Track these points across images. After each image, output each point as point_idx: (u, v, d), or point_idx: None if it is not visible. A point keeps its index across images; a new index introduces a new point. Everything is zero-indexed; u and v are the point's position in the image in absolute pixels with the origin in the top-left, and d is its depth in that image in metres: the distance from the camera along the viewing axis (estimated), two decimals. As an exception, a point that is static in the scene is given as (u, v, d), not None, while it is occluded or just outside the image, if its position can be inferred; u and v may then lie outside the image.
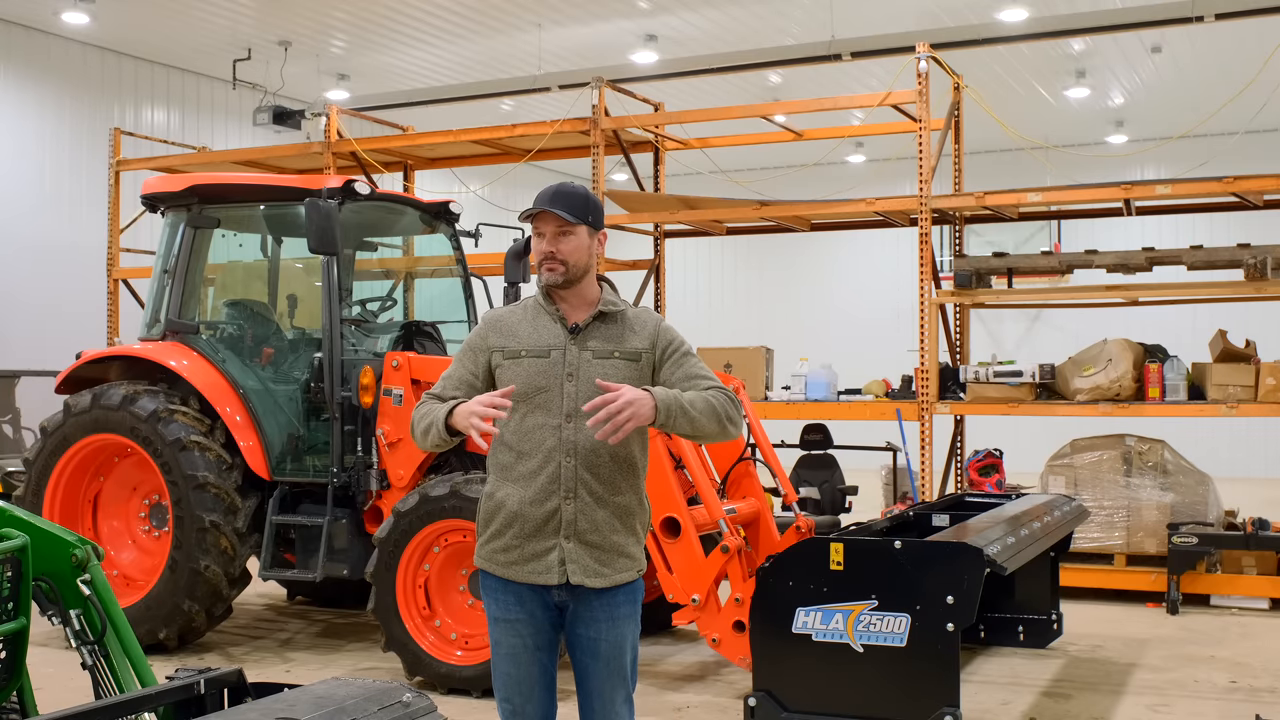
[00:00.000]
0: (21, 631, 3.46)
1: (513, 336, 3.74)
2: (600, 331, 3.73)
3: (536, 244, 3.75)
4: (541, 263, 3.73)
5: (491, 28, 15.01)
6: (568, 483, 3.61)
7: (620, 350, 3.71)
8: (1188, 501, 9.48)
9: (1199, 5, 12.65)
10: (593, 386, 3.59)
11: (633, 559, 3.73)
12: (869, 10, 14.16)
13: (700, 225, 11.87)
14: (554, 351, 3.68)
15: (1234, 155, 16.71)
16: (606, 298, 3.81)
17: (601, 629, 3.67)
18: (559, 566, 3.61)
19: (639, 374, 3.72)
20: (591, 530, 3.63)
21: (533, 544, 3.64)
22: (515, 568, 3.66)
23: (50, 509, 7.76)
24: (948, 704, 5.13)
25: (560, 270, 3.71)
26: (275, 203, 8.00)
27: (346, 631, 8.44)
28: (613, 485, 3.67)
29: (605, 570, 3.65)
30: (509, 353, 3.72)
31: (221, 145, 16.59)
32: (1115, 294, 10.35)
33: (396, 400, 7.38)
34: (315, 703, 2.76)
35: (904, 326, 15.28)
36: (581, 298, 3.77)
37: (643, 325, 3.79)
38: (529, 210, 3.73)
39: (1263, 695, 6.70)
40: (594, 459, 3.63)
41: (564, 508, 3.61)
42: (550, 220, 3.72)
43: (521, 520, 3.64)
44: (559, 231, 3.71)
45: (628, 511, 3.71)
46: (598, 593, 3.65)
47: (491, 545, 3.72)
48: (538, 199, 3.75)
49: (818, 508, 9.68)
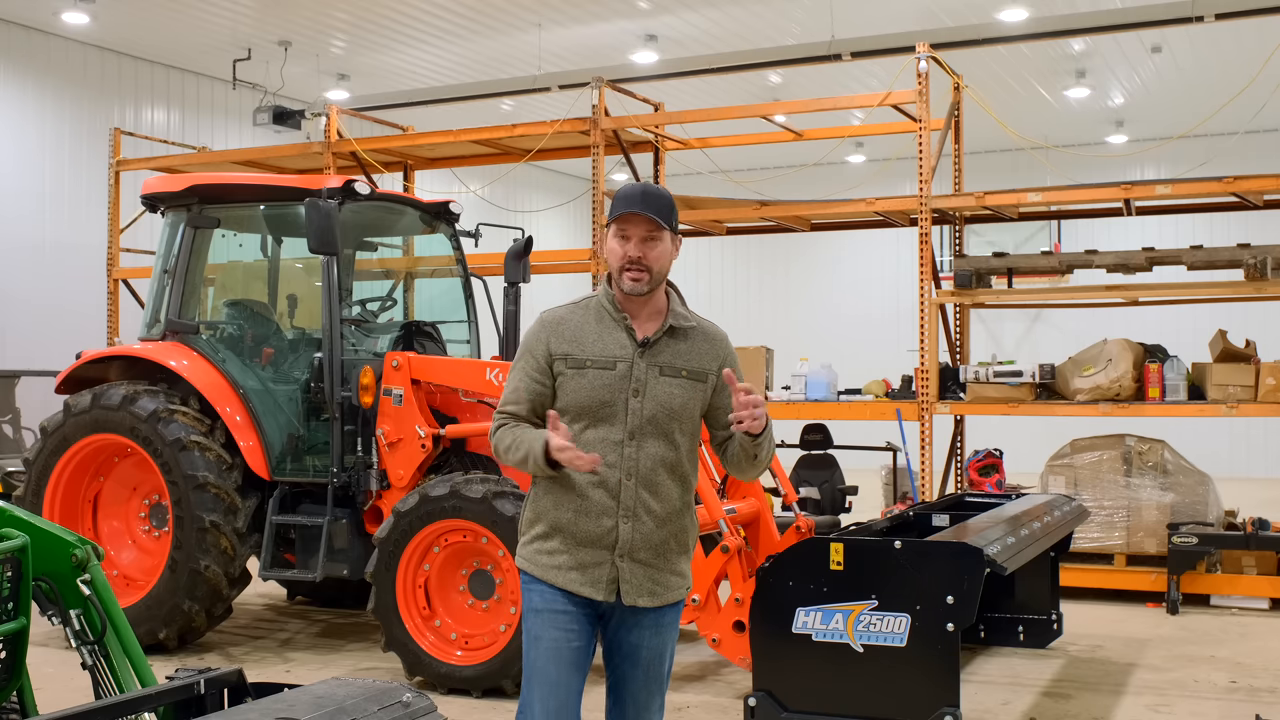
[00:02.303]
0: (21, 631, 3.46)
1: (577, 344, 3.53)
2: (670, 348, 3.55)
3: (619, 247, 3.51)
4: (624, 269, 3.49)
5: (491, 28, 15.01)
6: (628, 503, 3.47)
7: (690, 370, 3.55)
8: (1188, 501, 9.47)
9: (1199, 5, 12.65)
10: (658, 406, 3.48)
11: (685, 577, 3.63)
12: (869, 10, 14.16)
13: (700, 225, 11.87)
14: (620, 364, 3.50)
15: (1234, 155, 16.73)
16: (676, 309, 3.62)
17: (645, 636, 3.57)
18: (609, 584, 3.48)
19: (702, 396, 3.58)
20: (648, 551, 3.51)
21: (582, 554, 3.50)
22: (559, 573, 3.51)
23: (50, 509, 7.76)
24: (948, 704, 5.13)
25: (645, 279, 3.49)
26: (275, 203, 8.00)
27: (346, 631, 8.44)
28: (670, 506, 3.55)
29: (659, 590, 3.54)
30: (574, 361, 3.52)
31: (221, 145, 16.58)
32: (1115, 294, 10.35)
33: (396, 400, 7.37)
34: (315, 703, 2.76)
35: (904, 326, 15.30)
36: (652, 307, 3.58)
37: (712, 345, 3.62)
38: (617, 211, 3.51)
39: (1263, 695, 6.70)
40: (654, 479, 3.50)
41: (622, 528, 3.47)
42: (640, 224, 3.49)
43: (573, 531, 3.50)
44: (647, 236, 3.49)
45: (684, 531, 3.61)
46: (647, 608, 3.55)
47: (535, 547, 3.56)
48: (625, 199, 3.52)
49: (818, 508, 9.68)
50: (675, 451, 3.54)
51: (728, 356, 3.64)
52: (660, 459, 3.50)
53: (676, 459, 3.55)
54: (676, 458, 3.54)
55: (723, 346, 3.64)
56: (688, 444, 3.58)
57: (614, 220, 3.51)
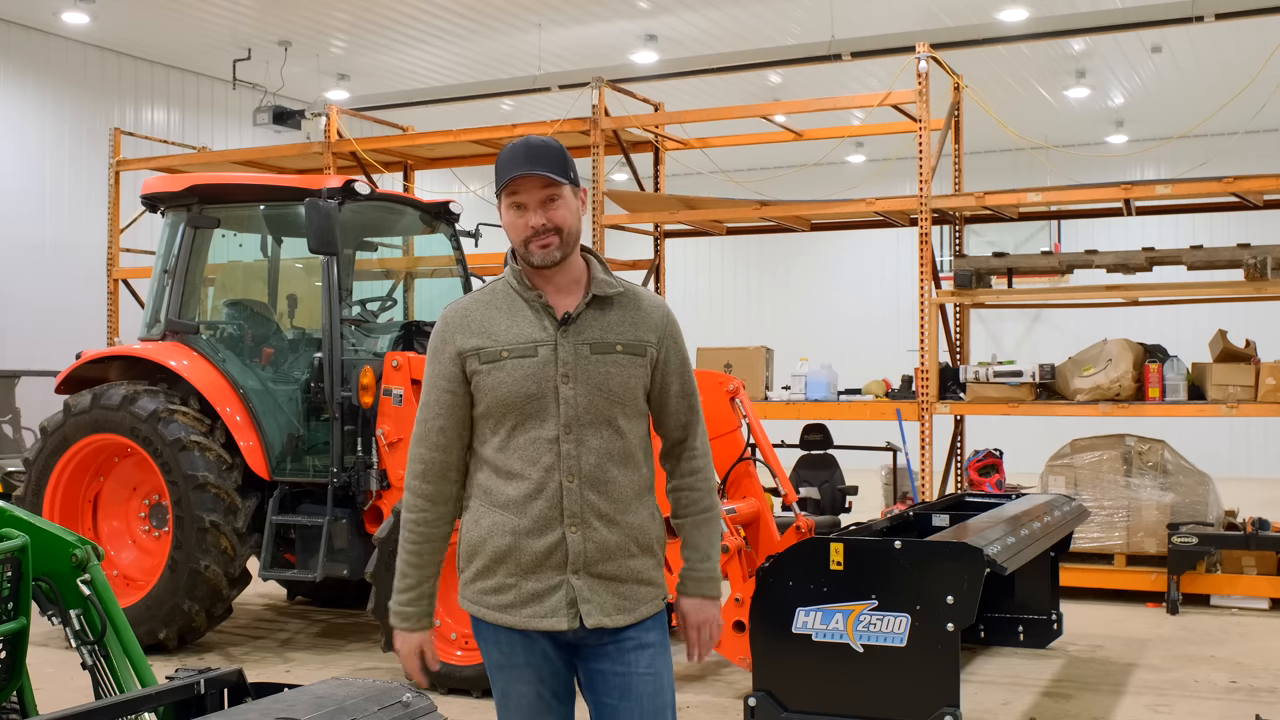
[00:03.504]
0: (21, 631, 3.46)
1: (486, 334, 3.04)
2: (597, 320, 3.03)
3: (516, 218, 3.02)
4: (529, 240, 3.01)
5: (491, 28, 15.01)
6: (572, 508, 2.97)
7: (625, 343, 3.03)
8: (1188, 501, 9.47)
9: (1199, 5, 12.66)
10: (594, 390, 2.98)
11: (656, 585, 3.10)
12: (869, 10, 14.16)
13: (700, 225, 11.87)
14: (542, 349, 2.99)
15: (1234, 155, 16.73)
16: (598, 275, 3.08)
17: (630, 662, 3.03)
18: (568, 609, 2.97)
19: (643, 373, 3.07)
20: (605, 560, 2.99)
21: (532, 582, 2.99)
22: (511, 611, 3.01)
23: (50, 509, 7.76)
24: (948, 704, 5.13)
25: (555, 243, 3.00)
26: (275, 203, 8.00)
27: (346, 631, 8.44)
28: (623, 503, 3.03)
29: (627, 604, 3.02)
30: (486, 355, 3.01)
31: (221, 145, 16.59)
32: (1115, 294, 10.35)
33: (396, 400, 7.37)
34: (315, 703, 2.76)
35: (904, 326, 15.30)
36: (568, 276, 3.07)
37: (648, 311, 3.11)
38: (502, 178, 3.01)
39: (1263, 695, 6.70)
40: (600, 475, 2.99)
41: (570, 538, 2.97)
42: (534, 185, 3.00)
43: (516, 555, 2.99)
44: (546, 198, 3.01)
45: (643, 530, 3.07)
46: (622, 628, 3.03)
47: (478, 585, 3.07)
48: (509, 162, 3.01)
49: (818, 508, 9.67)
50: (622, 439, 3.03)
51: (667, 327, 3.12)
52: (606, 452, 3.00)
53: (625, 448, 3.04)
54: (625, 447, 3.04)
55: (659, 313, 3.12)
56: (636, 429, 3.08)
57: (502, 190, 3.02)
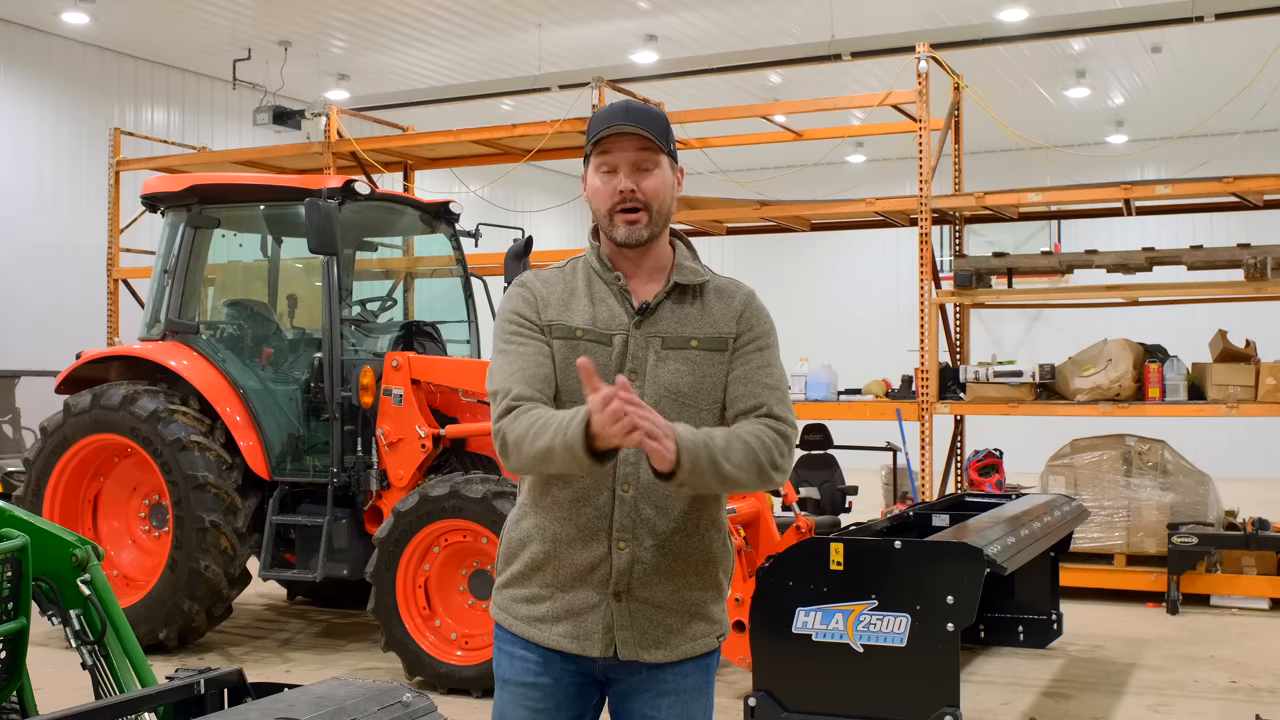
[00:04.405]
0: (21, 631, 3.45)
1: (566, 310, 2.66)
2: (675, 313, 2.65)
3: (604, 182, 2.63)
4: (614, 209, 2.61)
5: (491, 28, 15.01)
6: (623, 521, 2.58)
7: (701, 339, 2.64)
8: (1188, 501, 9.47)
9: (1199, 5, 12.66)
10: (661, 390, 2.59)
11: (712, 622, 2.69)
12: (869, 10, 14.16)
13: (700, 225, 11.87)
14: (616, 338, 2.62)
15: (1234, 155, 16.72)
16: (684, 264, 2.70)
17: (663, 707, 2.66)
18: (603, 634, 2.60)
19: (722, 371, 2.66)
20: (653, 584, 2.61)
21: (568, 597, 2.63)
22: (540, 627, 2.65)
23: (50, 509, 7.76)
24: (948, 704, 5.13)
25: (643, 220, 2.60)
26: (275, 203, 8.00)
27: (346, 631, 8.44)
28: (686, 524, 2.63)
29: (671, 639, 2.63)
30: (562, 330, 2.63)
31: (221, 145, 16.58)
32: (1115, 294, 10.35)
33: (396, 400, 7.38)
34: (315, 703, 2.76)
35: (904, 326, 15.27)
36: (653, 261, 2.68)
37: (729, 300, 2.70)
38: (596, 131, 2.61)
39: (1263, 695, 6.70)
40: (660, 488, 2.55)
41: (615, 555, 2.58)
42: (628, 145, 2.59)
43: (554, 566, 2.63)
44: (640, 163, 2.60)
45: (708, 558, 2.67)
46: (659, 665, 2.64)
47: (511, 592, 2.71)
48: (604, 118, 2.61)
49: (818, 508, 9.67)
50: None
51: (746, 310, 2.70)
52: None
53: None
54: None
55: (741, 298, 2.72)
56: None
57: (593, 148, 2.63)
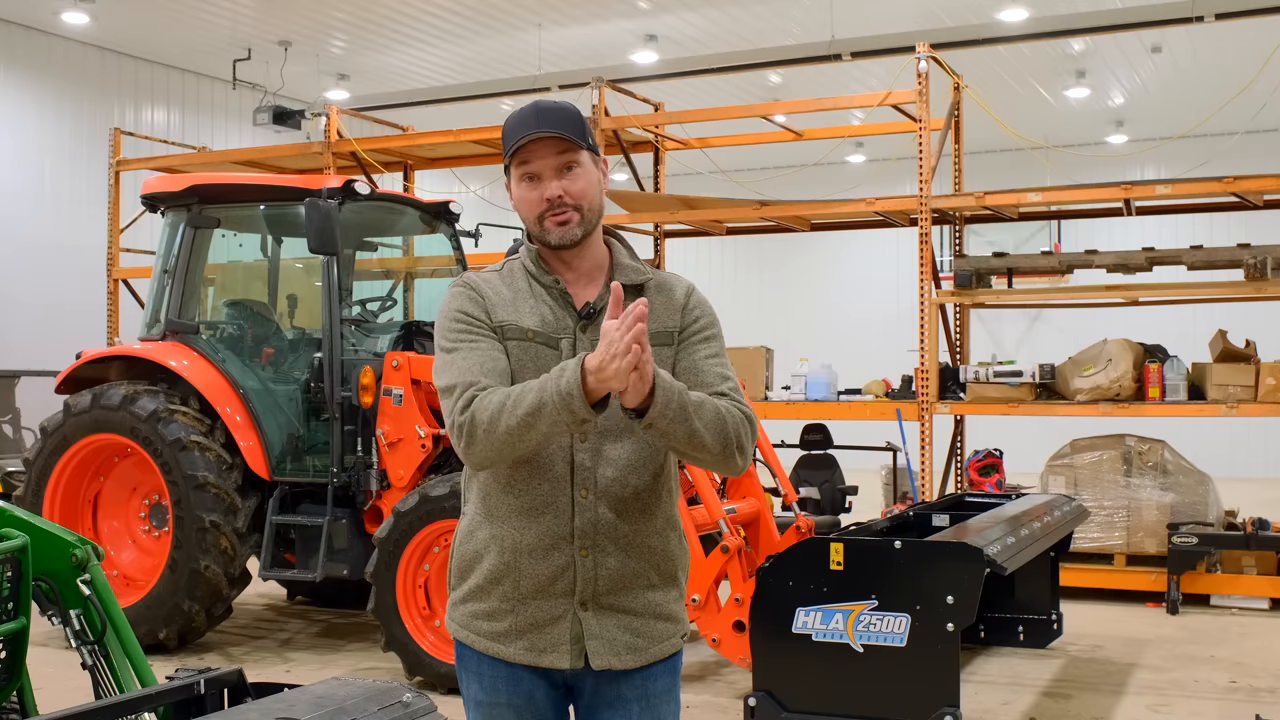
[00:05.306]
0: (21, 631, 3.45)
1: (516, 311, 2.61)
2: None
3: (529, 190, 2.58)
4: (544, 215, 2.57)
5: (491, 28, 15.02)
6: (584, 527, 2.55)
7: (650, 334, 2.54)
8: (1188, 501, 9.48)
9: (1199, 5, 12.66)
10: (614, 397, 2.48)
11: (675, 621, 2.68)
12: (869, 10, 14.16)
13: (700, 225, 11.87)
14: (563, 341, 2.59)
15: (1234, 155, 16.73)
16: (621, 260, 2.69)
17: (635, 713, 2.64)
18: (571, 645, 2.56)
19: (670, 367, 2.65)
20: (618, 590, 2.58)
21: (531, 609, 2.57)
22: (505, 641, 2.59)
23: (50, 509, 7.77)
24: (948, 704, 5.13)
25: (576, 220, 2.57)
26: (275, 203, 8.00)
27: (346, 631, 8.44)
28: (645, 524, 2.61)
29: (640, 643, 2.61)
30: (515, 332, 2.59)
31: (221, 145, 16.59)
32: (1115, 294, 10.35)
33: (396, 400, 7.38)
34: (315, 703, 2.76)
35: (904, 326, 15.28)
36: (589, 261, 2.65)
37: (670, 293, 2.70)
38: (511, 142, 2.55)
39: (1263, 695, 6.70)
40: (619, 491, 2.56)
41: (579, 563, 2.55)
42: (547, 150, 2.55)
43: (515, 577, 2.56)
44: (563, 164, 2.57)
45: (667, 557, 2.65)
46: (628, 671, 2.62)
47: (469, 608, 2.63)
48: (517, 126, 2.55)
49: (818, 508, 9.68)
50: (647, 449, 2.60)
51: (688, 303, 2.70)
52: (628, 462, 2.58)
53: (651, 457, 2.61)
54: (651, 455, 2.61)
55: (681, 291, 2.71)
56: None
57: (511, 160, 2.58)
